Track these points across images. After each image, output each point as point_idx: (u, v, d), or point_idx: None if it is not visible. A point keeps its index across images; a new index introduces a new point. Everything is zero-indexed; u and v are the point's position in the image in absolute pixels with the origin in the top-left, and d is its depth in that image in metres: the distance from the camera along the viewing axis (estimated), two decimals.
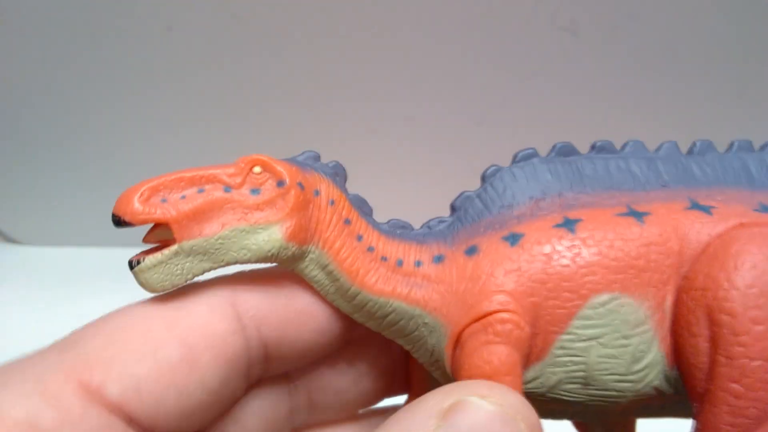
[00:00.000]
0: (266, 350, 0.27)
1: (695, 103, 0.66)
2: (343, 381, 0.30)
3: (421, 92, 0.67)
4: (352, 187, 0.28)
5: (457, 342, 0.26)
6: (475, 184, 0.29)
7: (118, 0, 0.63)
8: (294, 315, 0.27)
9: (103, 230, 0.84)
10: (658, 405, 0.28)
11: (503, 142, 0.71)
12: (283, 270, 0.27)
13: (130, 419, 0.23)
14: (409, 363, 0.31)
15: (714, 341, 0.25)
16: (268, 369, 0.28)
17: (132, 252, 0.24)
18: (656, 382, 0.27)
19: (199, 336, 0.24)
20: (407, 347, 0.28)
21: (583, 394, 0.27)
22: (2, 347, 0.74)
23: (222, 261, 0.25)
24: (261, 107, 0.70)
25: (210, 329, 0.25)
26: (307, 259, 0.26)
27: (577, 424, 0.33)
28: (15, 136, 0.75)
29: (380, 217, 0.29)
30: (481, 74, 0.66)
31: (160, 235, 0.25)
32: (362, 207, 0.28)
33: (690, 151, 0.30)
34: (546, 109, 0.68)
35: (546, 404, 0.27)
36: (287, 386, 0.30)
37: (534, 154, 0.29)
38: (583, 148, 0.30)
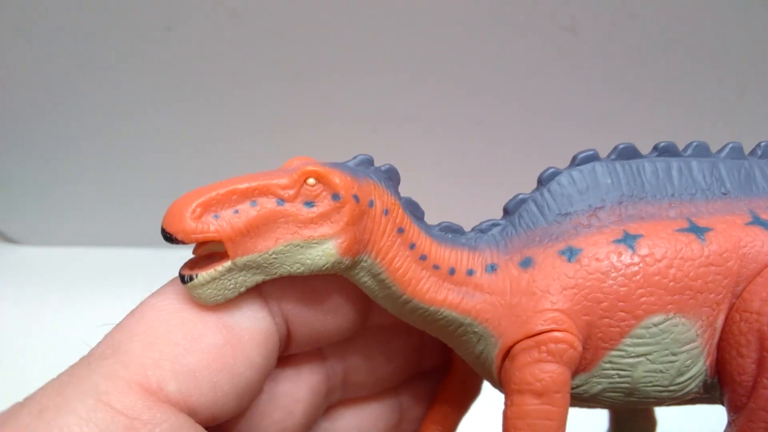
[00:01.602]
0: (288, 326, 0.27)
1: (696, 101, 0.65)
2: (375, 359, 0.32)
3: (420, 91, 0.67)
4: None
5: (508, 353, 0.26)
6: (473, 183, 0.29)
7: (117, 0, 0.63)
8: (311, 295, 0.27)
9: (103, 230, 0.84)
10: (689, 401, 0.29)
11: (503, 142, 0.71)
12: None
13: (193, 412, 0.23)
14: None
15: (761, 364, 0.25)
16: (290, 346, 0.28)
17: (132, 252, 0.24)
18: (695, 390, 0.27)
19: (234, 316, 0.25)
20: (450, 345, 0.29)
21: (624, 401, 0.27)
22: (2, 347, 0.74)
23: (275, 274, 0.25)
24: (262, 107, 0.70)
25: (242, 306, 0.25)
26: (359, 267, 0.26)
27: None
28: (14, 136, 0.75)
29: None
30: (480, 73, 0.65)
31: (211, 248, 0.24)
32: (415, 211, 0.27)
33: (753, 153, 0.29)
34: (545, 109, 0.68)
35: (585, 403, 0.28)
36: (324, 365, 0.31)
37: (594, 156, 0.28)
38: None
